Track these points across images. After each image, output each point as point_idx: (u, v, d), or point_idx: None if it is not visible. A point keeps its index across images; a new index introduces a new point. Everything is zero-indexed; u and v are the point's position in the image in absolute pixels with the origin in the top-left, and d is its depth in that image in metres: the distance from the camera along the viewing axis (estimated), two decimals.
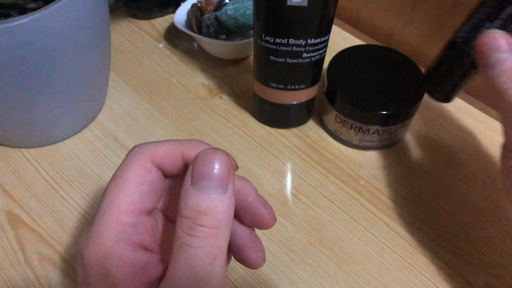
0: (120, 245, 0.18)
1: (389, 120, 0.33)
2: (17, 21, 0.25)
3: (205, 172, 0.17)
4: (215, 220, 0.17)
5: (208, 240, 0.17)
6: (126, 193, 0.19)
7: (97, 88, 0.37)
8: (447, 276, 0.29)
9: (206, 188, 0.17)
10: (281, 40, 0.30)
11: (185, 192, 0.17)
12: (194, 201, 0.17)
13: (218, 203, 0.17)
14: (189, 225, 0.17)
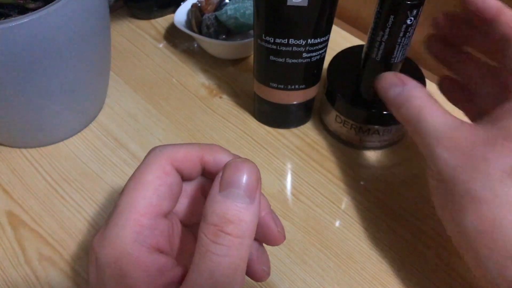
0: (137, 247, 0.17)
1: (389, 120, 0.33)
2: (17, 21, 0.25)
3: (234, 181, 0.17)
4: (240, 230, 0.17)
5: (232, 250, 0.17)
6: (144, 195, 0.18)
7: (97, 88, 0.37)
8: (447, 276, 0.29)
9: (234, 196, 0.17)
10: (281, 40, 0.30)
11: (212, 199, 0.17)
12: (221, 208, 0.17)
13: (245, 212, 0.17)
14: (215, 232, 0.17)
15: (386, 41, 0.29)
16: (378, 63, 0.30)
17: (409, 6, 0.26)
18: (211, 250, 0.17)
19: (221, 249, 0.17)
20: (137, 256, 0.17)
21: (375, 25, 0.29)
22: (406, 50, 0.30)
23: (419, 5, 0.27)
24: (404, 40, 0.29)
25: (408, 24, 0.27)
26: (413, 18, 0.27)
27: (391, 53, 0.29)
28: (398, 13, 0.27)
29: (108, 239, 0.18)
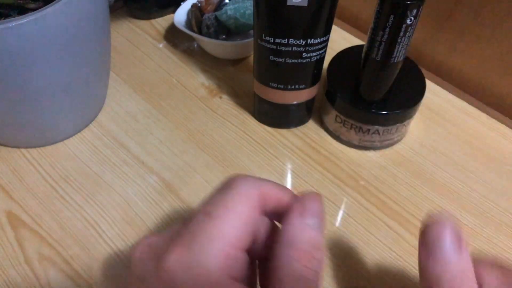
0: (224, 278, 0.17)
1: (389, 120, 0.33)
2: (17, 21, 0.25)
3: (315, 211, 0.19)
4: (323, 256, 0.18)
5: (320, 274, 0.18)
6: (234, 225, 0.18)
7: (97, 88, 0.37)
8: None
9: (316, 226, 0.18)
10: (281, 40, 0.30)
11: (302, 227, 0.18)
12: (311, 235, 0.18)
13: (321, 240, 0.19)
14: (309, 259, 0.17)
15: (386, 41, 0.29)
16: (378, 63, 0.30)
17: (409, 6, 0.26)
18: (305, 275, 0.17)
19: (314, 275, 0.18)
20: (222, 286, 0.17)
21: (375, 25, 0.29)
22: (406, 50, 0.30)
23: (419, 5, 0.27)
24: (404, 40, 0.29)
25: (408, 24, 0.27)
26: (413, 18, 0.27)
27: (391, 53, 0.29)
28: (398, 13, 0.27)
29: (195, 266, 0.17)
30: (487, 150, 0.36)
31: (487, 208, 0.33)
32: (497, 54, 0.38)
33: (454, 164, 0.35)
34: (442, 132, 0.37)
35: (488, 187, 0.34)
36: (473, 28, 0.39)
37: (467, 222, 0.32)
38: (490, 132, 0.37)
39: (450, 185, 0.34)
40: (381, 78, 0.32)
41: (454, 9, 0.39)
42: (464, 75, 0.42)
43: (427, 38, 0.43)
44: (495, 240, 0.31)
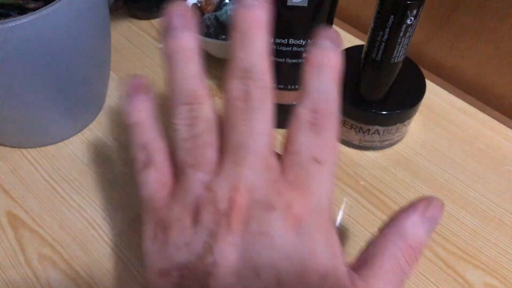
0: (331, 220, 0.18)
1: (389, 120, 0.33)
2: (17, 21, 0.25)
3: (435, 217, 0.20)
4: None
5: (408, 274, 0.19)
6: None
7: (97, 88, 0.37)
8: (447, 276, 0.29)
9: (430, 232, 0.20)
10: (281, 40, 0.30)
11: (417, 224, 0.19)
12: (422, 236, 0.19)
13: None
14: (412, 257, 0.19)
15: (386, 41, 0.29)
16: (378, 63, 0.30)
17: (409, 6, 0.26)
18: (404, 270, 0.19)
19: (408, 272, 0.19)
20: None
21: (375, 25, 0.29)
22: (406, 50, 0.30)
23: (419, 5, 0.27)
24: (404, 40, 0.29)
25: (408, 24, 0.27)
26: (413, 18, 0.27)
27: (391, 53, 0.29)
28: (398, 13, 0.27)
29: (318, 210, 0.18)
30: (487, 150, 0.36)
31: (487, 208, 0.33)
32: (497, 54, 0.38)
33: (454, 164, 0.35)
34: (442, 132, 0.37)
35: (488, 187, 0.34)
36: (473, 28, 0.39)
37: (467, 222, 0.32)
38: (490, 132, 0.37)
39: (450, 185, 0.34)
40: (381, 78, 0.32)
41: (454, 9, 0.39)
42: (464, 75, 0.42)
43: (427, 38, 0.43)
44: (495, 240, 0.31)
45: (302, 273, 0.17)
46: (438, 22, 0.41)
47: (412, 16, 0.27)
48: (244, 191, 0.17)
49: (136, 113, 0.21)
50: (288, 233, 0.17)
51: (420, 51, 0.44)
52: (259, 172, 0.18)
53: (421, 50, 0.44)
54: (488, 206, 0.33)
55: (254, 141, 0.18)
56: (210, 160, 0.19)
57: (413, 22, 0.28)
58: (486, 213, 0.32)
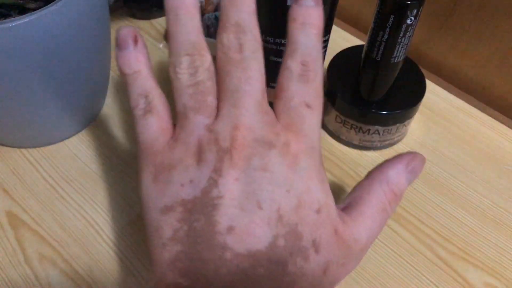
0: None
1: (389, 120, 0.33)
2: (17, 21, 0.25)
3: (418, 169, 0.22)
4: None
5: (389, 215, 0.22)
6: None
7: (97, 88, 0.37)
8: (447, 276, 0.29)
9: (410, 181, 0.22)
10: (281, 40, 0.30)
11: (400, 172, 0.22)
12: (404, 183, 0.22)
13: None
14: (394, 200, 0.22)
15: (386, 41, 0.29)
16: (378, 63, 0.30)
17: (409, 6, 0.26)
18: (387, 210, 0.21)
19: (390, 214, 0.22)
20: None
21: (375, 25, 0.29)
22: (406, 50, 0.30)
23: (419, 5, 0.27)
24: (404, 40, 0.29)
25: (408, 24, 0.27)
26: (413, 18, 0.27)
27: (391, 53, 0.29)
28: (398, 13, 0.27)
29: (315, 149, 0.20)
30: (487, 150, 0.36)
31: (487, 208, 0.33)
32: (497, 54, 0.38)
33: (454, 164, 0.35)
34: (442, 132, 0.37)
35: (488, 187, 0.34)
36: (473, 28, 0.39)
37: (467, 222, 0.32)
38: (490, 132, 0.37)
39: (450, 185, 0.34)
40: (381, 78, 0.32)
41: (454, 9, 0.39)
42: (464, 75, 0.42)
43: (427, 38, 0.43)
44: (495, 240, 0.31)
45: (299, 207, 0.19)
46: (438, 22, 0.41)
47: (412, 16, 0.27)
48: (244, 130, 0.19)
49: (134, 62, 0.22)
50: (287, 170, 0.19)
51: (420, 51, 0.44)
52: (256, 114, 0.19)
53: (421, 50, 0.44)
54: (488, 206, 0.33)
55: (250, 85, 0.20)
56: (211, 106, 0.20)
57: (413, 22, 0.28)
58: (486, 213, 0.32)
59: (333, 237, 0.19)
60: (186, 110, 0.20)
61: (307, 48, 0.20)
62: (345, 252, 0.20)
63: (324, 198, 0.19)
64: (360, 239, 0.20)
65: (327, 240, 0.19)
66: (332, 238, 0.19)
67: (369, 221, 0.21)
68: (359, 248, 0.20)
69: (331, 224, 0.19)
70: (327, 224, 0.19)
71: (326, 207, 0.19)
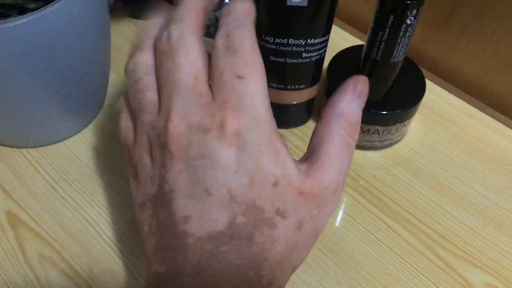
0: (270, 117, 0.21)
1: (389, 120, 0.33)
2: (17, 21, 0.25)
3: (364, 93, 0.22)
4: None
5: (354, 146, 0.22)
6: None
7: (97, 88, 0.37)
8: (447, 276, 0.29)
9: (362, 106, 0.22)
10: (281, 40, 0.30)
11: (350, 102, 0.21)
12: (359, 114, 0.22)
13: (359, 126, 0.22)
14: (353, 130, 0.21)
15: (386, 41, 0.29)
16: (378, 63, 0.30)
17: (409, 6, 0.26)
18: (350, 144, 0.21)
19: (353, 144, 0.22)
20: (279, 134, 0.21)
21: (375, 25, 0.29)
22: (406, 50, 0.30)
23: (419, 5, 0.27)
24: (404, 40, 0.29)
25: (408, 24, 0.27)
26: (413, 18, 0.27)
27: (391, 53, 0.29)
28: (398, 13, 0.27)
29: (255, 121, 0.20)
30: (487, 150, 0.36)
31: (487, 208, 0.33)
32: (497, 54, 0.38)
33: (454, 164, 0.35)
34: (442, 132, 0.37)
35: (488, 187, 0.34)
36: (473, 28, 0.39)
37: (467, 222, 0.32)
38: (490, 132, 0.37)
39: (450, 185, 0.34)
40: (381, 78, 0.32)
41: (454, 9, 0.39)
42: (464, 75, 0.42)
43: (427, 38, 0.43)
44: (495, 240, 0.31)
45: (253, 184, 0.19)
46: (438, 22, 0.41)
47: (412, 16, 0.27)
48: (176, 119, 0.19)
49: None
50: (228, 150, 0.18)
51: (420, 51, 0.44)
52: (188, 100, 0.19)
53: (421, 50, 0.44)
54: (488, 206, 0.33)
55: (178, 72, 0.19)
56: (152, 101, 0.20)
57: (413, 22, 0.28)
58: (486, 213, 0.32)
59: (298, 198, 0.19)
60: (135, 111, 0.21)
61: (231, 22, 0.20)
62: (317, 202, 0.20)
63: (279, 171, 0.19)
64: (330, 184, 0.20)
65: (293, 204, 0.19)
66: (297, 200, 0.19)
67: (336, 162, 0.21)
68: (331, 193, 0.20)
69: (293, 189, 0.19)
70: (288, 192, 0.19)
71: (284, 178, 0.19)
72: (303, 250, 0.20)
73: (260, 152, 0.19)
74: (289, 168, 0.20)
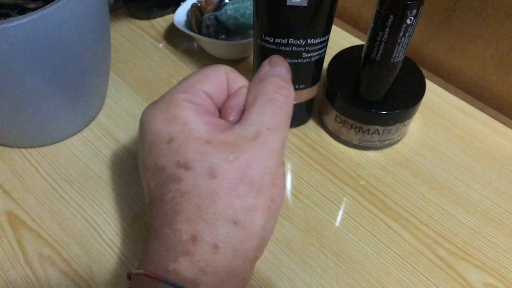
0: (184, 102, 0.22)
1: (389, 120, 0.33)
2: (17, 21, 0.25)
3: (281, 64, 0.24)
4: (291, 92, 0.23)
5: (287, 103, 0.23)
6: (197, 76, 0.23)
7: (97, 88, 0.37)
8: (447, 276, 0.29)
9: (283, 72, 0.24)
10: (281, 40, 0.30)
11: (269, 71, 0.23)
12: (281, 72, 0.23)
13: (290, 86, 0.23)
14: (278, 86, 0.22)
15: (386, 41, 0.29)
16: (378, 63, 0.30)
17: (409, 6, 0.26)
18: (274, 98, 0.22)
19: (280, 99, 0.22)
20: (185, 104, 0.22)
21: (375, 25, 0.29)
22: (406, 50, 0.30)
23: (419, 5, 0.27)
24: (404, 40, 0.29)
25: (408, 24, 0.27)
26: (413, 18, 0.27)
27: (391, 53, 0.29)
28: (398, 13, 0.27)
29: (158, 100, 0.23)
30: (487, 150, 0.36)
31: (487, 208, 0.33)
32: (497, 54, 0.38)
33: (454, 164, 0.35)
34: (442, 132, 0.37)
35: (488, 187, 0.34)
36: (473, 28, 0.39)
37: (467, 222, 0.32)
38: (490, 132, 0.37)
39: (450, 185, 0.34)
40: (381, 78, 0.32)
41: (454, 9, 0.39)
42: (464, 75, 0.42)
43: (427, 38, 0.43)
44: (495, 240, 0.31)
45: (150, 148, 0.21)
46: (438, 22, 0.41)
47: (412, 16, 0.27)
48: None
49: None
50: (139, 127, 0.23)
51: (420, 51, 0.44)
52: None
53: (421, 50, 0.44)
54: (488, 206, 0.33)
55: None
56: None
57: (413, 22, 0.28)
58: (486, 213, 0.32)
59: (204, 147, 0.20)
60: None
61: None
62: (231, 148, 0.20)
63: (175, 128, 0.21)
64: (249, 133, 0.21)
65: (195, 154, 0.20)
66: (203, 149, 0.20)
67: (256, 115, 0.21)
68: (249, 139, 0.21)
69: (194, 140, 0.20)
70: (188, 143, 0.20)
71: (180, 133, 0.21)
72: (235, 197, 0.20)
73: (155, 120, 0.21)
74: (189, 124, 0.21)
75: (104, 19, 0.33)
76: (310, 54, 0.31)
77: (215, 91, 0.23)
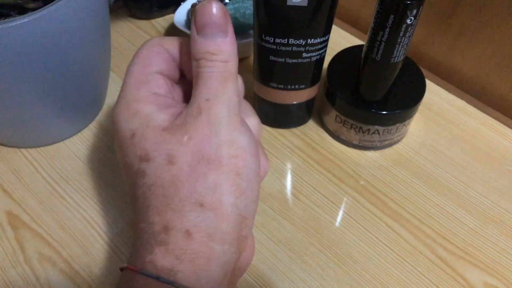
0: (138, 92, 0.22)
1: (389, 120, 0.33)
2: (17, 21, 0.25)
3: (206, 21, 0.20)
4: (223, 56, 0.21)
5: (220, 67, 0.21)
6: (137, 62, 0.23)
7: (97, 88, 0.37)
8: (447, 276, 0.29)
9: (211, 35, 0.20)
10: (281, 40, 0.30)
11: (194, 42, 0.21)
12: (203, 46, 0.21)
13: (223, 45, 0.21)
14: (204, 62, 0.21)
15: (386, 41, 0.29)
16: (378, 63, 0.30)
17: (409, 6, 0.26)
18: (203, 70, 0.21)
19: (211, 65, 0.21)
20: (141, 96, 0.22)
21: (375, 25, 0.29)
22: (406, 50, 0.30)
23: (419, 5, 0.27)
24: (404, 40, 0.29)
25: (408, 24, 0.27)
26: (413, 18, 0.27)
27: (391, 53, 0.29)
28: (398, 13, 0.27)
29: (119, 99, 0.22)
30: (487, 150, 0.36)
31: (487, 208, 0.33)
32: (497, 54, 0.38)
33: (454, 164, 0.35)
34: (442, 132, 0.37)
35: (488, 187, 0.34)
36: (473, 28, 0.39)
37: (467, 222, 0.32)
38: (490, 132, 0.37)
39: (450, 185, 0.34)
40: (381, 78, 0.32)
41: (454, 9, 0.39)
42: (464, 75, 0.42)
43: (427, 38, 0.43)
44: (495, 240, 0.31)
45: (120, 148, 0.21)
46: (438, 22, 0.41)
47: (412, 16, 0.27)
48: None
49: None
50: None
51: (420, 51, 0.44)
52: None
53: (421, 50, 0.44)
54: (488, 206, 0.33)
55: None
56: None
57: (413, 22, 0.28)
58: (486, 213, 0.32)
59: (161, 135, 0.20)
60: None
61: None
62: (182, 131, 0.20)
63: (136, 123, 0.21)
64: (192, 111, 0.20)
65: (153, 144, 0.20)
66: (160, 137, 0.20)
67: (196, 92, 0.21)
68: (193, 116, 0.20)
69: (153, 129, 0.20)
70: (147, 135, 0.20)
71: (140, 126, 0.21)
72: (196, 180, 0.20)
73: (119, 120, 0.21)
74: (150, 115, 0.21)
75: (104, 19, 0.33)
76: (310, 54, 0.31)
77: (165, 66, 0.23)
